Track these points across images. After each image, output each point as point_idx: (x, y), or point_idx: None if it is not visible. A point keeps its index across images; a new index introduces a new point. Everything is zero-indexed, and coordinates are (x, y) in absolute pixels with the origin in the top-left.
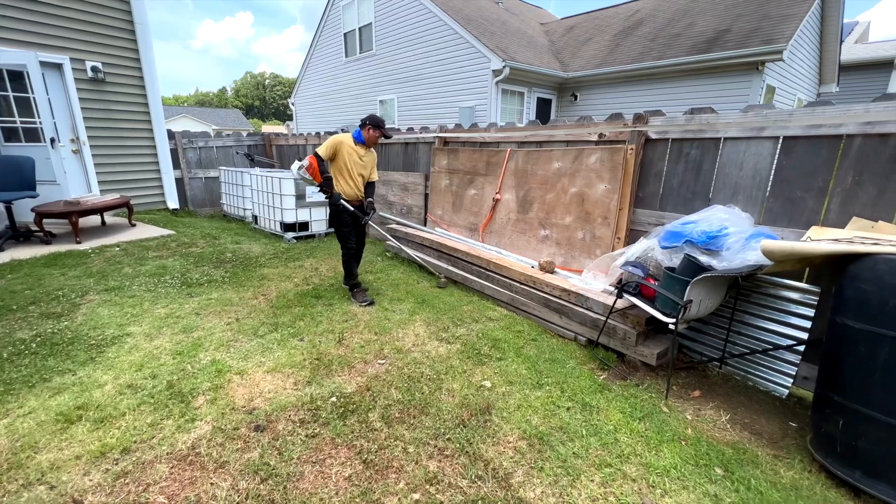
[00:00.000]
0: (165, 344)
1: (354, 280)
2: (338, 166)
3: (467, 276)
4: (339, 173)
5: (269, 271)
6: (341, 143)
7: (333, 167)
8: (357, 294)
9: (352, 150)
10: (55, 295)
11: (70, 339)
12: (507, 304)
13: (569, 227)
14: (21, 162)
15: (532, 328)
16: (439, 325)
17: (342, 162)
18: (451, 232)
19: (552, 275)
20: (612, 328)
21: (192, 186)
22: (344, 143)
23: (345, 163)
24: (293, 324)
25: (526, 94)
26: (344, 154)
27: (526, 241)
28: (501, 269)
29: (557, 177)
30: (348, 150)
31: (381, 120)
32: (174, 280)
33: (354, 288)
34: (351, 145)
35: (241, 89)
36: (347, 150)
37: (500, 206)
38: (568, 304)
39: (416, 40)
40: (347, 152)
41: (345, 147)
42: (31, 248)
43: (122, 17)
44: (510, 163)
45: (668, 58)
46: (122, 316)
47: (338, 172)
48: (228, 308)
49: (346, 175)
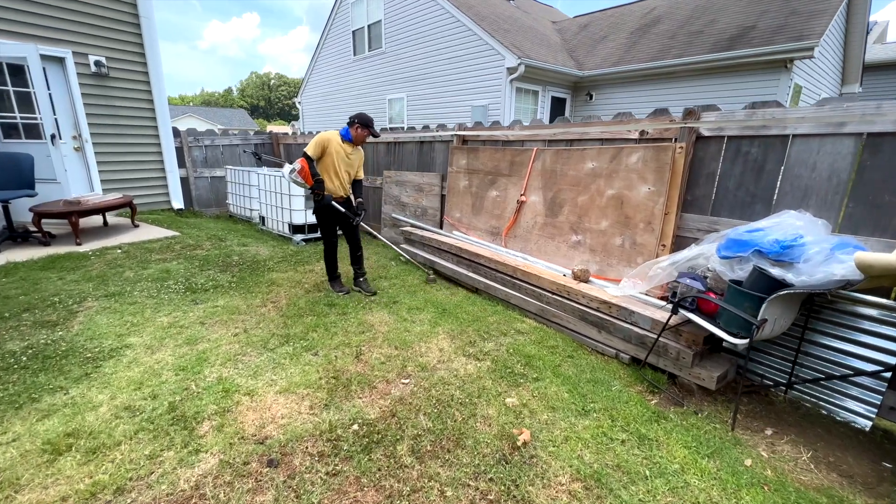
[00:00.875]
0: (168, 357)
1: (334, 273)
2: (325, 164)
3: (491, 283)
4: (326, 171)
5: (279, 276)
6: (329, 141)
7: (321, 165)
8: (334, 284)
9: (339, 148)
10: (51, 301)
11: (64, 352)
12: (537, 315)
13: (605, 232)
14: (19, 159)
15: (566, 343)
16: (465, 339)
17: (330, 160)
18: (470, 235)
19: (587, 284)
20: (662, 346)
21: (198, 186)
22: (332, 141)
23: (333, 161)
24: (306, 335)
25: (540, 92)
26: (332, 152)
27: (555, 246)
28: (530, 277)
29: (591, 178)
30: (336, 148)
31: (369, 119)
32: (178, 285)
33: (332, 280)
34: (339, 143)
35: (246, 89)
36: (335, 147)
37: (526, 209)
38: (609, 317)
39: (426, 38)
40: (335, 150)
41: (333, 145)
42: (29, 250)
43: (126, 11)
44: (536, 163)
45: (689, 55)
46: (121, 325)
47: (325, 170)
48: (236, 317)
49: (332, 173)
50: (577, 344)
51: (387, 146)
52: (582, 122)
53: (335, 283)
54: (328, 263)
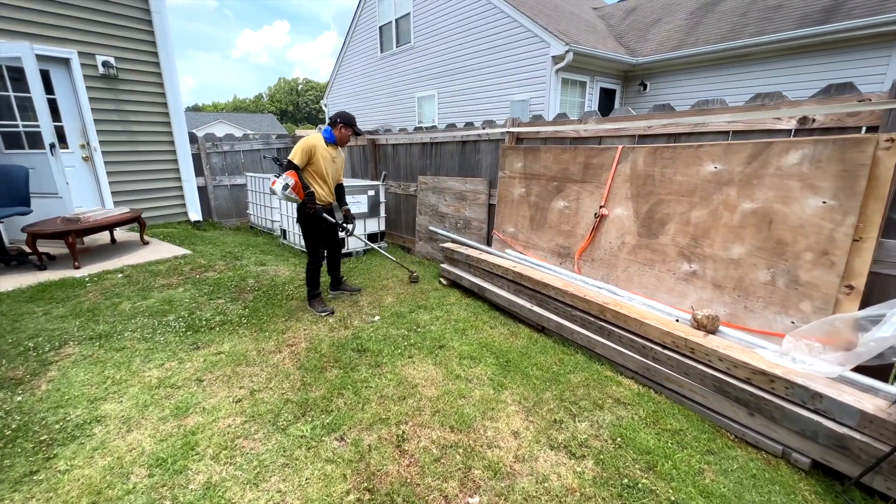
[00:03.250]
0: (145, 440)
1: (317, 291)
2: (312, 171)
3: (564, 323)
4: (313, 178)
5: (298, 306)
6: (315, 147)
7: (306, 173)
8: (315, 304)
9: (325, 152)
10: (25, 346)
11: (17, 429)
12: (638, 374)
13: (739, 262)
14: (11, 172)
15: (694, 425)
16: (546, 414)
17: (317, 166)
18: (528, 255)
19: (719, 338)
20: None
21: (217, 195)
22: (317, 146)
23: (321, 166)
24: (329, 403)
25: (588, 83)
26: (319, 157)
27: (655, 277)
28: (627, 321)
29: (714, 185)
30: (322, 153)
31: (352, 117)
32: (178, 322)
33: (314, 298)
34: (324, 146)
35: (275, 95)
36: (322, 152)
37: (608, 225)
38: (770, 396)
39: (460, 28)
40: (322, 155)
41: (319, 150)
42: (20, 276)
43: (136, 6)
44: (623, 165)
45: (770, 33)
46: (99, 383)
47: (311, 177)
48: (242, 370)
49: (320, 179)
50: (711, 426)
51: (422, 147)
52: (696, 108)
53: (317, 301)
54: (313, 280)
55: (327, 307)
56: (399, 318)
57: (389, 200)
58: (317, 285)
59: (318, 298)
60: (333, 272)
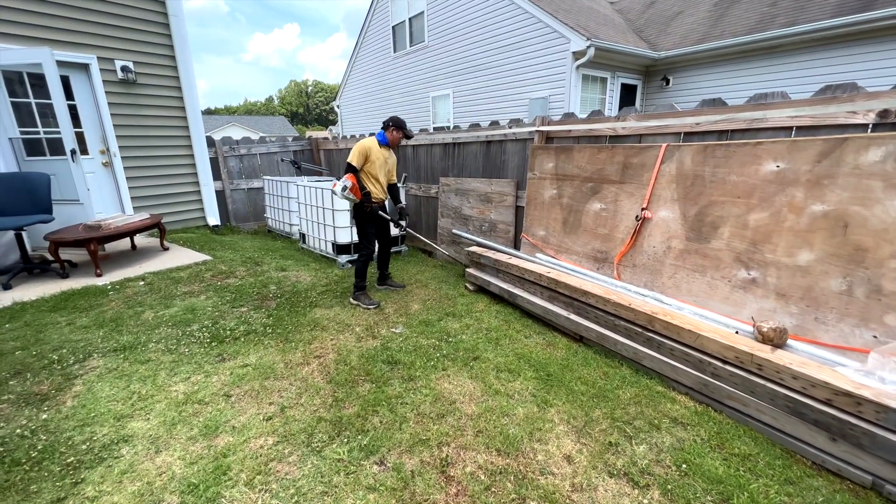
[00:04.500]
0: (175, 462)
1: (364, 283)
2: (367, 171)
3: (606, 333)
4: (368, 178)
5: (323, 314)
6: (370, 149)
7: (362, 174)
8: (362, 297)
9: (379, 154)
10: (50, 359)
11: (43, 450)
12: (693, 390)
13: (808, 269)
14: (33, 180)
15: (763, 448)
16: (599, 435)
17: (372, 167)
18: (561, 260)
19: (788, 353)
20: None
21: (235, 199)
22: (372, 148)
23: (375, 167)
24: (364, 421)
25: (609, 79)
26: (373, 158)
27: (707, 284)
28: (680, 332)
29: (777, 185)
30: (377, 154)
31: (403, 121)
32: (202, 333)
33: (360, 290)
34: (378, 148)
35: (286, 97)
36: (376, 154)
37: (651, 229)
38: (857, 420)
39: (475, 26)
40: (376, 156)
41: (374, 151)
42: (43, 284)
43: (154, 9)
44: (667, 164)
45: (805, 23)
46: (125, 399)
47: (366, 178)
48: (270, 384)
49: (374, 179)
50: (784, 450)
51: (443, 148)
52: (753, 103)
53: (363, 295)
54: (363, 273)
55: (373, 300)
56: (428, 327)
57: (410, 202)
58: (364, 277)
59: (364, 291)
60: (382, 268)
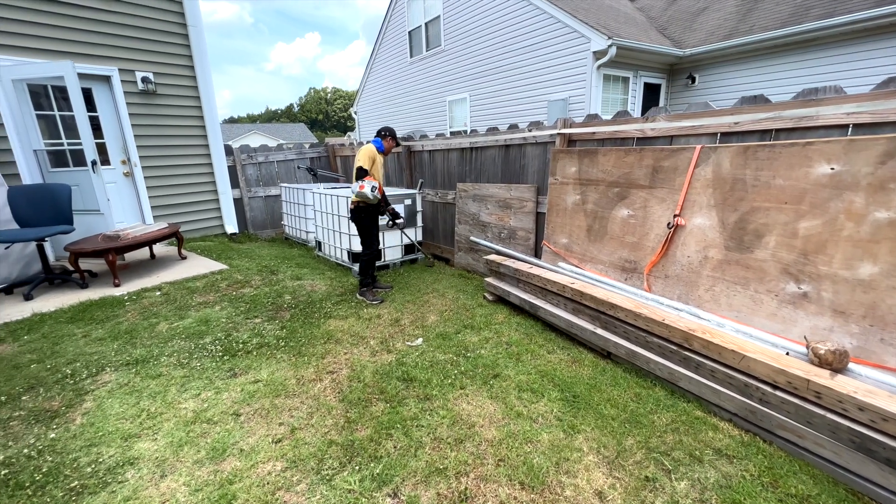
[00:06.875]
0: (179, 490)
1: (368, 280)
2: (373, 174)
3: (637, 350)
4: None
5: (337, 325)
6: (374, 153)
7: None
8: (367, 294)
9: (380, 158)
10: (63, 373)
11: (48, 472)
12: (737, 416)
13: (871, 283)
14: (55, 191)
15: (824, 487)
16: (633, 468)
17: (376, 171)
18: (585, 269)
19: (848, 378)
20: None
21: (252, 207)
22: (376, 154)
23: (378, 171)
24: (377, 446)
25: (632, 79)
26: (378, 163)
27: (751, 298)
28: (722, 352)
29: (831, 189)
30: (379, 159)
31: (394, 130)
32: (215, 346)
33: (366, 287)
34: (378, 155)
35: (306, 105)
36: (379, 158)
37: (685, 237)
38: None
39: (491, 29)
40: (378, 161)
41: (377, 156)
42: (63, 295)
43: (173, 21)
44: (702, 168)
45: (842, 14)
46: (134, 417)
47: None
48: (281, 402)
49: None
50: (848, 491)
51: (460, 153)
52: (801, 99)
53: (369, 292)
54: (369, 271)
55: (378, 297)
56: (445, 340)
57: (426, 209)
58: (369, 275)
59: (370, 288)
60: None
